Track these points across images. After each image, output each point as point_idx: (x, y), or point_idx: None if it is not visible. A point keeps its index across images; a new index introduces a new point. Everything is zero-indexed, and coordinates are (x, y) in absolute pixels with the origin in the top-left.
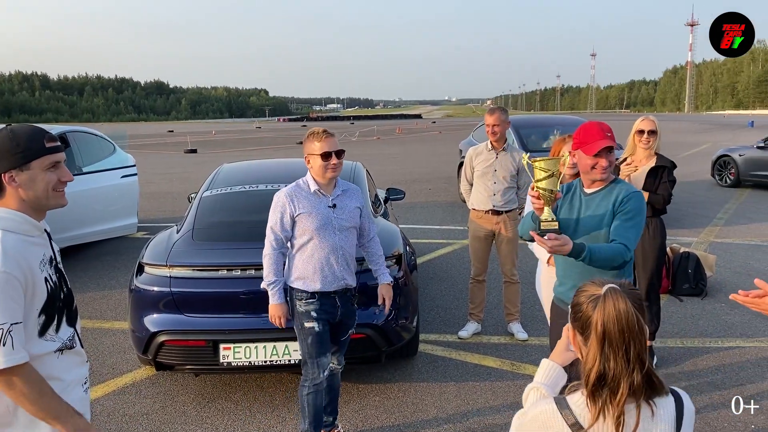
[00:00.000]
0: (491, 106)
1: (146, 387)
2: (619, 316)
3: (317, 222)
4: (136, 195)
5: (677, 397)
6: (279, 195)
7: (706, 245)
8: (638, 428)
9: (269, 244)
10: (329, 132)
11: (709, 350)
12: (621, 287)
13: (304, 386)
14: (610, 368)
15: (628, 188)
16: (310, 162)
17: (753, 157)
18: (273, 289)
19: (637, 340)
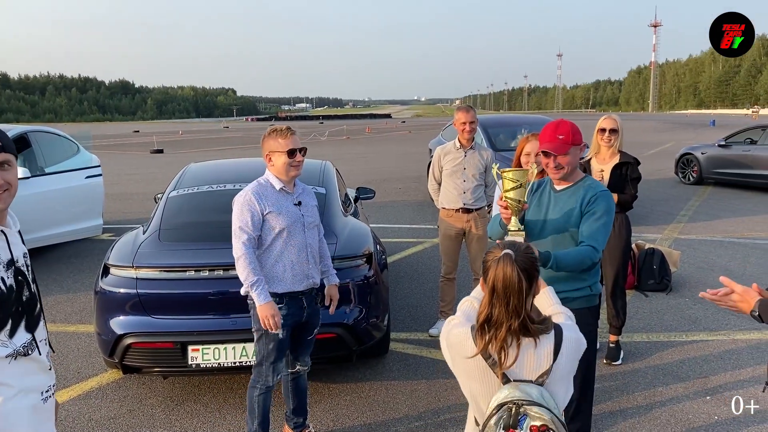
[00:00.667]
0: (462, 105)
1: (112, 391)
2: (505, 277)
3: (287, 220)
4: (101, 196)
5: (558, 330)
6: (245, 195)
7: (671, 241)
8: (518, 359)
9: (242, 245)
10: (292, 129)
11: (674, 344)
12: (516, 253)
13: (255, 388)
14: (494, 314)
15: (596, 186)
16: (272, 159)
17: (715, 156)
18: (258, 289)
19: (516, 296)
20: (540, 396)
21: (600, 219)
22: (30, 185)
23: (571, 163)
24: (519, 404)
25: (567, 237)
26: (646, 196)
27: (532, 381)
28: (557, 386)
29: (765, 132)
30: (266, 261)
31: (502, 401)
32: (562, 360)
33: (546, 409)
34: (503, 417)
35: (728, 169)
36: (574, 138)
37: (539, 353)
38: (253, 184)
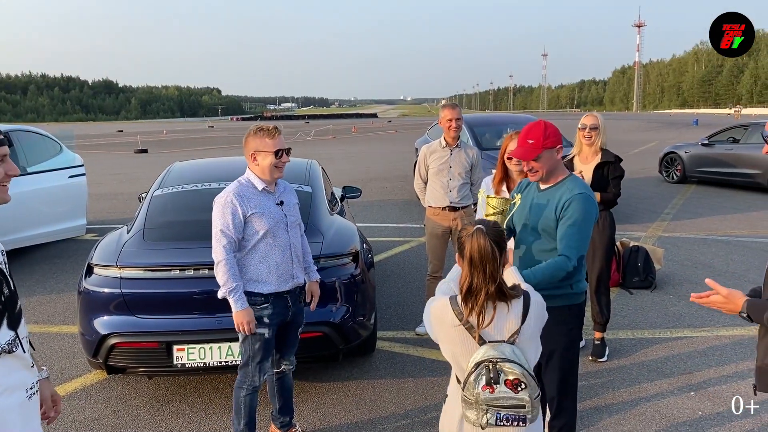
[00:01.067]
0: (448, 102)
1: (97, 391)
2: (480, 248)
3: (271, 221)
4: (85, 195)
5: (526, 295)
6: (225, 196)
7: (655, 239)
8: (494, 320)
9: (222, 248)
10: (279, 129)
11: (658, 341)
12: (487, 227)
13: (242, 388)
14: (474, 282)
15: (572, 189)
16: (257, 159)
17: (698, 154)
18: (235, 296)
19: (491, 264)
20: (512, 353)
21: (573, 225)
22: (12, 185)
23: (546, 166)
24: (495, 362)
25: (545, 237)
26: (631, 195)
27: (505, 341)
28: (527, 344)
29: (747, 131)
30: (250, 263)
31: (480, 360)
32: (531, 321)
33: (517, 365)
34: (482, 374)
35: (711, 167)
36: (546, 142)
37: (510, 316)
38: (234, 185)
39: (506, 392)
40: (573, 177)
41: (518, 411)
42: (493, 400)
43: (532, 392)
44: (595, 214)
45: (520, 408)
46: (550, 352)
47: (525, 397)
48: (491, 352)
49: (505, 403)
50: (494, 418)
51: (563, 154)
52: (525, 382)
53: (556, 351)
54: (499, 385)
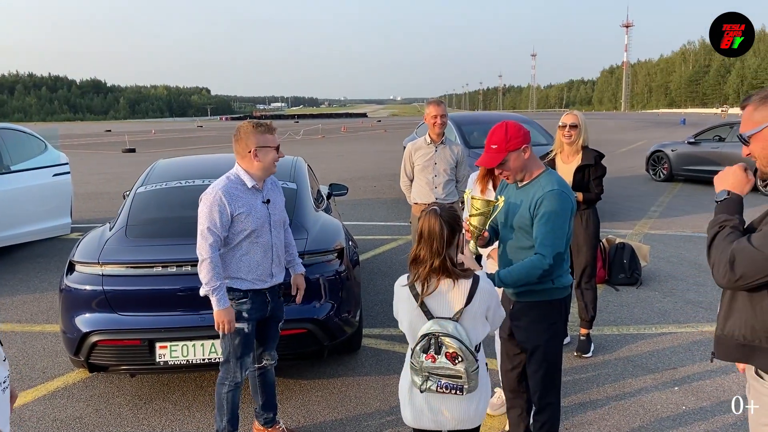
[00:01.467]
0: (433, 99)
1: (79, 390)
2: (429, 225)
3: (257, 221)
4: (69, 194)
5: (476, 278)
6: (213, 193)
7: (641, 236)
8: (437, 290)
9: (208, 247)
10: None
11: (644, 336)
12: (441, 210)
13: (224, 384)
14: (421, 255)
15: (545, 186)
16: (259, 155)
17: (684, 153)
18: (218, 294)
19: (437, 240)
20: (454, 330)
21: (547, 223)
22: None
23: (515, 167)
24: (437, 335)
25: (522, 235)
26: (618, 193)
27: (450, 318)
28: (470, 323)
29: (733, 129)
30: (230, 260)
31: (425, 332)
32: (475, 303)
33: (457, 340)
34: (424, 345)
35: (697, 165)
36: (509, 145)
37: (455, 294)
38: (222, 181)
39: (445, 363)
40: (548, 173)
41: (456, 381)
42: (433, 368)
43: (468, 366)
44: (570, 210)
45: (456, 378)
46: (534, 347)
47: (461, 369)
48: (435, 327)
49: (443, 372)
50: (435, 384)
51: (546, 152)
52: (462, 356)
53: (539, 346)
54: (439, 356)
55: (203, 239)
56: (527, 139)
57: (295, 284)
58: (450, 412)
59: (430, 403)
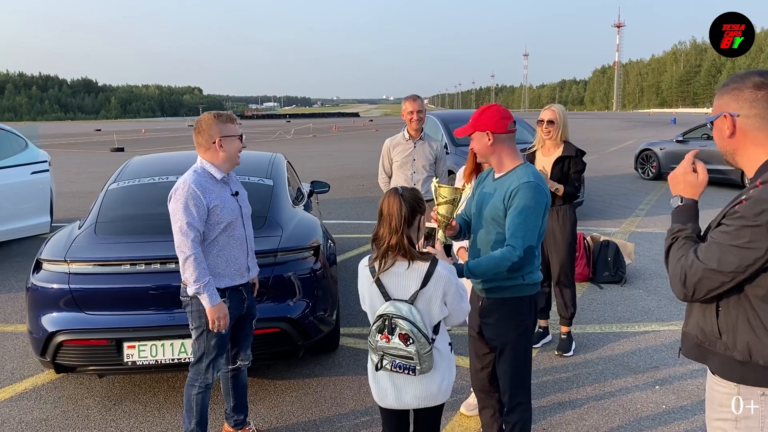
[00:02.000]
0: (411, 94)
1: (47, 392)
2: (388, 204)
3: (231, 213)
4: (48, 192)
5: (434, 262)
6: (185, 187)
7: (627, 234)
8: (393, 271)
9: (190, 243)
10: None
11: (626, 335)
12: (402, 191)
13: (194, 386)
14: (381, 233)
15: (521, 177)
16: (224, 145)
17: (673, 151)
18: (209, 290)
19: (395, 219)
20: (408, 312)
21: (520, 214)
22: None
23: (477, 148)
24: (391, 317)
25: (494, 227)
26: (606, 191)
27: (405, 300)
28: (427, 306)
29: None
30: (208, 257)
31: (381, 313)
32: (431, 286)
33: (409, 323)
34: (379, 325)
35: None
36: (477, 124)
37: (412, 277)
38: (190, 174)
39: (398, 344)
40: (525, 166)
41: (408, 361)
42: (387, 348)
43: (420, 348)
44: (545, 204)
45: (409, 359)
46: (502, 345)
47: (413, 350)
48: (390, 309)
49: (396, 352)
50: (390, 364)
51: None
52: (414, 338)
53: (508, 343)
54: (393, 336)
55: (184, 236)
56: (497, 128)
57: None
58: (410, 390)
59: (394, 381)
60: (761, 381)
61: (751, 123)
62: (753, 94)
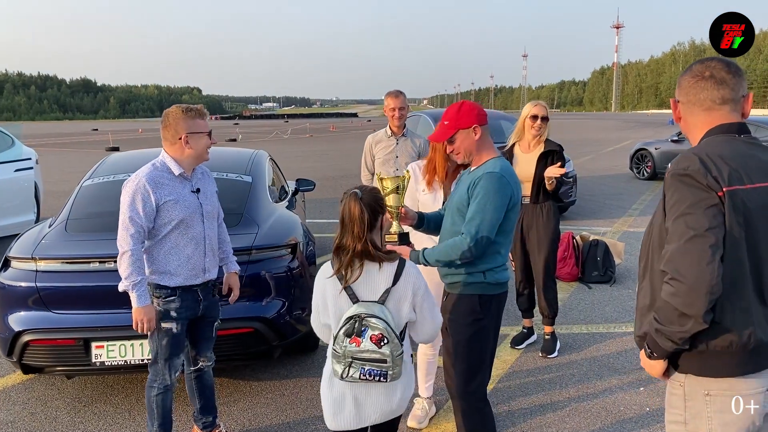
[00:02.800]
0: (393, 90)
1: (17, 393)
2: (350, 210)
3: (185, 210)
4: (32, 190)
5: (402, 262)
6: (137, 180)
7: (619, 234)
8: (362, 277)
9: (129, 238)
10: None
11: (612, 335)
12: (362, 192)
13: (153, 387)
14: (344, 240)
15: (486, 167)
16: (190, 142)
17: (668, 151)
18: (140, 290)
19: (358, 225)
20: (380, 311)
21: (479, 204)
22: None
23: (461, 147)
24: (362, 317)
25: (458, 217)
26: (600, 191)
27: (376, 301)
28: (397, 306)
29: None
30: (158, 254)
31: (350, 315)
32: (401, 284)
33: (382, 321)
34: (348, 328)
35: None
36: (459, 122)
37: (381, 277)
38: (147, 168)
39: (371, 346)
40: (497, 158)
41: (380, 366)
42: (357, 352)
43: (394, 349)
44: (508, 196)
45: (382, 363)
46: (455, 343)
47: (387, 351)
48: (361, 309)
49: (368, 356)
50: (358, 372)
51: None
52: (388, 338)
53: (460, 341)
54: (363, 338)
55: (125, 230)
56: (481, 120)
57: (227, 283)
58: (373, 403)
59: (355, 395)
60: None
61: (686, 109)
62: (688, 81)
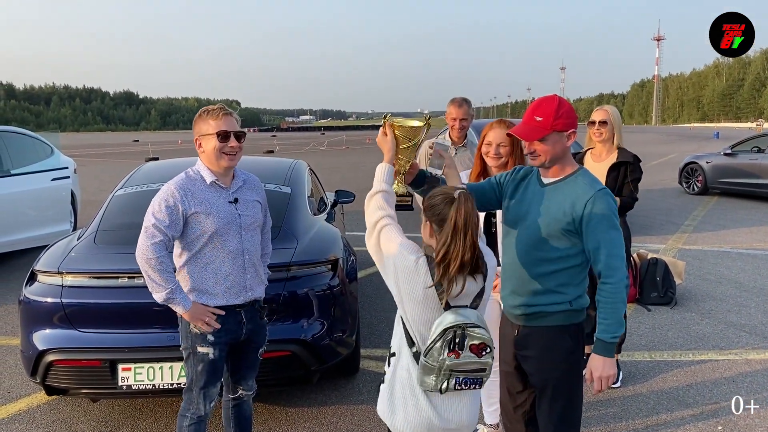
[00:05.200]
0: (456, 97)
1: (42, 414)
2: (467, 214)
3: (218, 222)
4: (68, 199)
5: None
6: (167, 188)
7: (675, 252)
8: (464, 290)
9: (153, 246)
10: (227, 109)
11: (679, 364)
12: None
13: (185, 416)
14: (452, 249)
15: (591, 183)
16: (202, 145)
17: (720, 165)
18: (178, 296)
19: (473, 230)
20: (477, 318)
21: (610, 229)
22: None
23: (551, 152)
24: (462, 327)
25: (549, 241)
26: (649, 206)
27: (468, 306)
28: (483, 308)
29: None
30: (193, 271)
31: (447, 326)
32: (488, 285)
33: (484, 329)
34: (448, 339)
35: (734, 178)
36: (556, 123)
37: (473, 279)
38: (180, 176)
39: (471, 357)
40: (584, 171)
41: (477, 374)
42: (457, 365)
43: (493, 355)
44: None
45: (480, 372)
46: (543, 381)
47: (489, 360)
48: (459, 318)
49: (468, 367)
50: (453, 382)
51: (574, 151)
52: (490, 347)
53: (550, 380)
54: (463, 350)
55: (147, 238)
56: (575, 124)
57: None
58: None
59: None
60: None
61: None
62: None
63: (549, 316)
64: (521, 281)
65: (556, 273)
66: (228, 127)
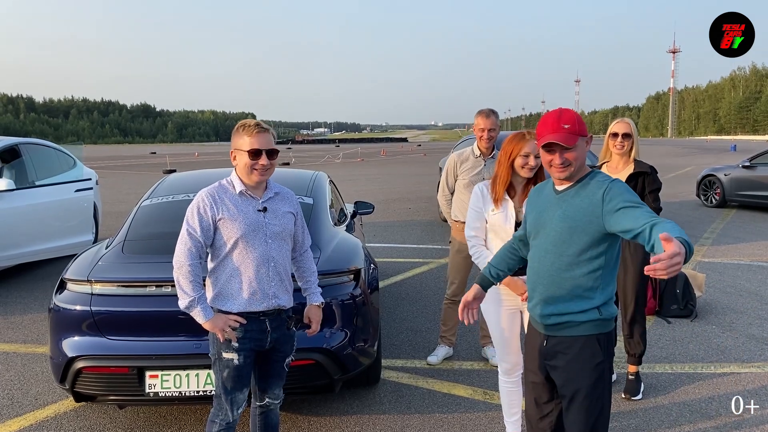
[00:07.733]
0: (483, 109)
1: (69, 420)
2: None
3: (244, 227)
4: (91, 210)
5: None
6: (200, 195)
7: (694, 264)
8: None
9: (186, 252)
10: (263, 126)
11: (701, 377)
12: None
13: (215, 422)
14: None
15: (603, 179)
16: (237, 158)
17: (739, 177)
18: (200, 305)
19: None
20: None
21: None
22: (14, 198)
23: (579, 158)
24: None
25: (572, 245)
26: (667, 218)
27: None
28: None
29: None
30: (219, 275)
31: None
32: None
33: None
34: None
35: (753, 191)
36: (581, 128)
37: None
38: (215, 184)
39: None
40: (596, 171)
41: None
42: None
43: None
44: None
45: None
46: (573, 392)
47: None
48: None
49: None
50: None
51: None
52: None
53: (580, 390)
54: None
55: (182, 244)
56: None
57: (307, 316)
58: None
59: None
60: None
61: None
62: None
63: (578, 326)
64: (547, 289)
65: (581, 277)
66: (261, 144)
